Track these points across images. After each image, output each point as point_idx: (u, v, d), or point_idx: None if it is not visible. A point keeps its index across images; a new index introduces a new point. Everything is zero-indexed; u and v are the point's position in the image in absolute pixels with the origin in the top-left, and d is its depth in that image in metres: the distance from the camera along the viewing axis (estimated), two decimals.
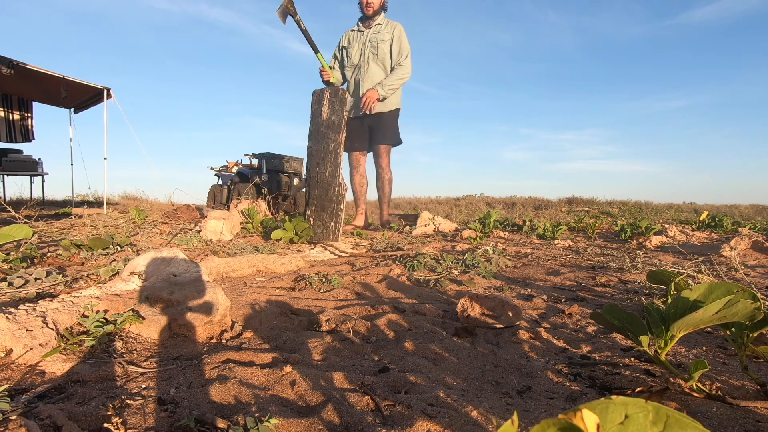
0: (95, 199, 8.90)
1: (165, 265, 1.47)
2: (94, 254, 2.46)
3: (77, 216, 5.30)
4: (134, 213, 4.75)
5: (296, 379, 0.92)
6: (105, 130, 6.44)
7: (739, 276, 2.14)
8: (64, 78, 5.85)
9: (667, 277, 1.29)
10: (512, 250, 3.21)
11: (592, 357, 1.14)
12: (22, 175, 7.42)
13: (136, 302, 1.28)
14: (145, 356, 1.08)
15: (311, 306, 1.59)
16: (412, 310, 1.54)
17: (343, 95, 3.42)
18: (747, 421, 0.79)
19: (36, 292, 1.59)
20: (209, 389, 0.88)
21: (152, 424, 0.77)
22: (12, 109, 7.50)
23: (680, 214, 7.51)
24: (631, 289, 1.94)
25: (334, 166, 3.38)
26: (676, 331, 0.85)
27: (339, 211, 3.37)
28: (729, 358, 1.11)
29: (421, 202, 10.35)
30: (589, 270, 2.46)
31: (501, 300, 1.39)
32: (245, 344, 1.20)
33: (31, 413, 0.76)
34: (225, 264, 2.15)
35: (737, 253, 2.92)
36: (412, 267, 2.32)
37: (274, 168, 6.51)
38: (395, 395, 0.87)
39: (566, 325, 1.43)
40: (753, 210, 8.93)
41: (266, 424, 0.73)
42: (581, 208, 8.51)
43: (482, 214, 4.98)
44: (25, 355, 0.98)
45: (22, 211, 3.86)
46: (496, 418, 0.79)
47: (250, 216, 3.84)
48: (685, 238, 4.05)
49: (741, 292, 0.80)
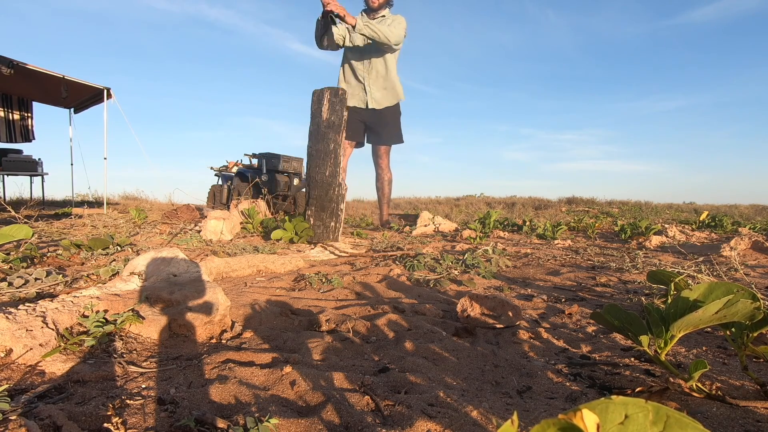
0: (95, 199, 8.89)
1: (165, 265, 1.47)
2: (94, 254, 2.46)
3: (77, 216, 5.30)
4: (134, 213, 4.75)
5: (296, 379, 0.92)
6: (105, 130, 6.44)
7: (739, 276, 2.14)
8: (64, 78, 5.85)
9: (667, 277, 1.29)
10: (512, 250, 3.21)
11: (592, 357, 1.14)
12: (22, 175, 7.41)
13: (136, 302, 1.28)
14: (145, 356, 1.08)
15: (311, 306, 1.59)
16: (412, 310, 1.54)
17: (343, 95, 3.42)
18: (747, 421, 0.79)
19: (36, 292, 1.59)
20: (209, 389, 0.88)
21: (152, 424, 0.77)
22: (12, 109, 7.50)
23: (680, 214, 7.50)
24: (631, 289, 1.94)
25: (334, 166, 3.38)
26: (676, 331, 0.85)
27: (339, 211, 3.37)
28: (729, 358, 1.11)
29: (421, 202, 10.35)
30: (589, 270, 2.46)
31: (501, 300, 1.39)
32: (245, 344, 1.20)
33: (31, 413, 0.76)
34: (225, 264, 2.15)
35: (737, 253, 2.92)
36: (412, 267, 2.32)
37: (274, 168, 6.50)
38: (395, 395, 0.87)
39: (566, 325, 1.43)
40: (753, 210, 8.93)
41: (266, 424, 0.73)
42: (581, 208, 8.51)
43: (482, 214, 4.98)
44: (25, 355, 0.98)
45: (22, 211, 3.86)
46: (496, 418, 0.79)
47: (250, 216, 3.84)
48: (685, 238, 4.05)
49: (741, 292, 0.80)
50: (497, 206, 8.67)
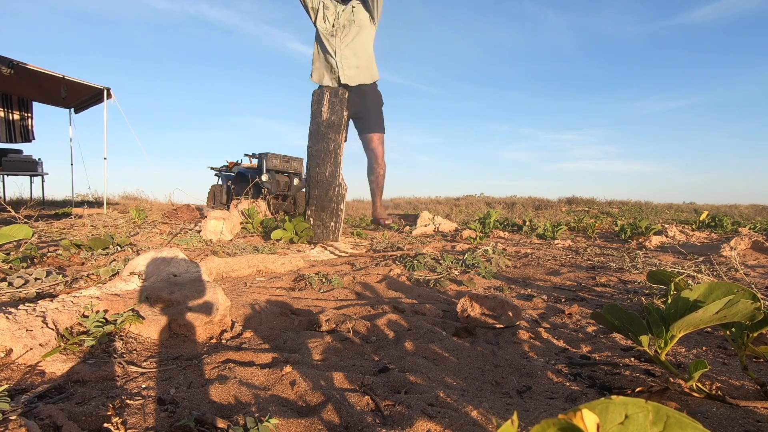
0: (95, 199, 8.89)
1: (165, 265, 1.47)
2: (94, 254, 2.46)
3: (77, 216, 5.30)
4: (134, 213, 4.75)
5: (296, 379, 0.92)
6: (105, 130, 6.44)
7: (739, 276, 2.14)
8: (64, 78, 5.84)
9: (667, 277, 1.29)
10: (512, 250, 3.21)
11: (592, 357, 1.14)
12: (22, 175, 7.41)
13: (136, 302, 1.28)
14: (145, 356, 1.08)
15: (311, 306, 1.59)
16: (412, 310, 1.54)
17: (343, 95, 3.42)
18: (747, 421, 0.79)
19: (36, 292, 1.59)
20: (209, 389, 0.88)
21: (152, 424, 0.77)
22: (12, 109, 7.50)
23: (680, 214, 7.50)
24: (631, 289, 1.94)
25: (334, 166, 3.38)
26: (676, 331, 0.85)
27: (339, 211, 3.37)
28: (729, 358, 1.11)
29: (421, 202, 10.35)
30: (589, 270, 2.46)
31: (501, 300, 1.39)
32: (245, 344, 1.19)
33: (31, 413, 0.76)
34: (225, 264, 2.15)
35: (737, 253, 2.92)
36: (412, 267, 2.32)
37: (274, 168, 6.51)
38: (395, 395, 0.87)
39: (566, 325, 1.43)
40: (753, 210, 8.93)
41: (266, 424, 0.73)
42: (581, 208, 8.50)
43: (482, 214, 4.98)
44: (25, 355, 0.98)
45: (22, 211, 3.86)
46: (496, 418, 0.79)
47: (250, 216, 3.84)
48: (685, 238, 4.05)
49: (741, 292, 0.80)
50: (497, 206, 8.67)
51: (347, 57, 3.96)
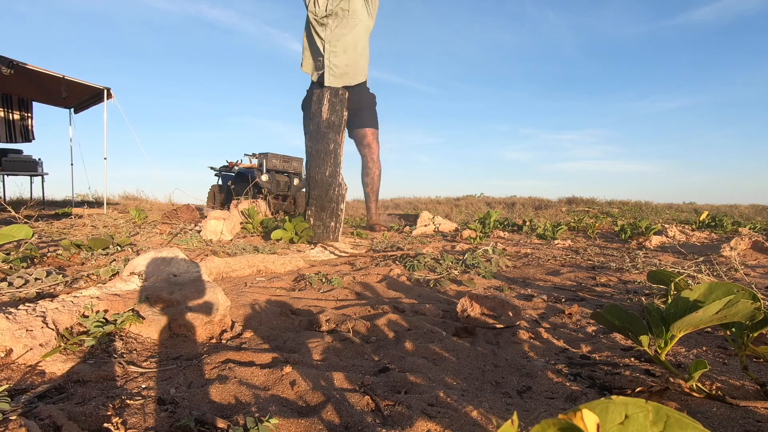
0: (95, 199, 8.89)
1: (165, 265, 1.47)
2: (94, 254, 2.46)
3: (77, 216, 5.30)
4: (134, 213, 4.75)
5: (296, 379, 0.92)
6: (105, 130, 6.44)
7: (739, 276, 2.14)
8: (64, 78, 5.85)
9: (667, 277, 1.29)
10: (512, 250, 3.21)
11: (592, 357, 1.14)
12: (22, 175, 7.42)
13: (136, 302, 1.28)
14: (145, 356, 1.08)
15: (311, 306, 1.59)
16: (412, 310, 1.54)
17: (343, 95, 3.42)
18: (747, 421, 0.79)
19: (36, 292, 1.59)
20: (209, 389, 0.88)
21: (152, 424, 0.77)
22: (12, 109, 7.50)
23: (680, 214, 7.50)
24: (631, 289, 1.94)
25: (334, 166, 3.38)
26: (676, 331, 0.85)
27: (339, 211, 3.37)
28: (729, 358, 1.11)
29: (421, 202, 10.35)
30: (589, 270, 2.46)
31: (501, 300, 1.39)
32: (245, 344, 1.20)
33: (31, 413, 0.76)
34: (225, 264, 2.15)
35: (737, 253, 2.92)
36: (412, 267, 2.32)
37: (274, 168, 6.51)
38: (395, 395, 0.87)
39: (566, 325, 1.43)
40: (753, 210, 8.93)
41: (266, 424, 0.73)
42: (581, 208, 8.50)
43: (482, 214, 4.98)
44: (25, 355, 0.98)
45: (22, 211, 3.86)
46: (496, 418, 0.79)
47: (250, 216, 3.84)
48: (685, 238, 4.05)
49: (741, 292, 0.80)
50: (497, 206, 8.67)
51: (336, 54, 3.68)
